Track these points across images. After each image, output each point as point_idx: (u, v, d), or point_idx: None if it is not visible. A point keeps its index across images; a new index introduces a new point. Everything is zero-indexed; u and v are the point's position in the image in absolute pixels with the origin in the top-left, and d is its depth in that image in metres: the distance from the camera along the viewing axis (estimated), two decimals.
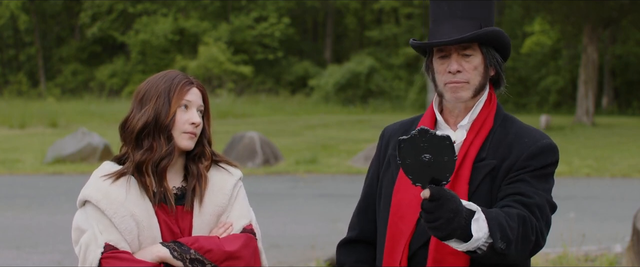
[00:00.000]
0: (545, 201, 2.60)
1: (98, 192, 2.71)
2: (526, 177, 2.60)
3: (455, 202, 2.36)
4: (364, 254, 2.88)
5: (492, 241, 2.41)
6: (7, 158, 18.28)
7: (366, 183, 2.92)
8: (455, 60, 2.67)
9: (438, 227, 2.36)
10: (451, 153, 2.32)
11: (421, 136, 2.33)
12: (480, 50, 2.67)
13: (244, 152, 17.16)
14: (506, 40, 2.70)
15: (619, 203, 12.61)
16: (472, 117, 2.69)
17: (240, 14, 41.55)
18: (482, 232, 2.41)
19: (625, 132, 25.60)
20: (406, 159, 2.36)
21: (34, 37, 44.60)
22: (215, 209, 2.82)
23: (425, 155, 2.33)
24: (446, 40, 2.62)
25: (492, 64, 2.70)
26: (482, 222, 2.42)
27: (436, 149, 2.32)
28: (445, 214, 2.34)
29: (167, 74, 2.82)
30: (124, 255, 2.67)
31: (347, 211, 12.95)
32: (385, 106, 35.73)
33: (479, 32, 2.63)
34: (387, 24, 43.39)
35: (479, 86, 2.67)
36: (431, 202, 2.35)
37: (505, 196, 2.58)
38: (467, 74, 2.66)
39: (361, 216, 2.91)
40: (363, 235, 2.88)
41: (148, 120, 2.73)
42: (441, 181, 2.35)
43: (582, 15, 28.68)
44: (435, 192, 2.34)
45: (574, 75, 35.27)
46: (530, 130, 2.72)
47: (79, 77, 42.70)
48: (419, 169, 2.35)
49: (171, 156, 2.75)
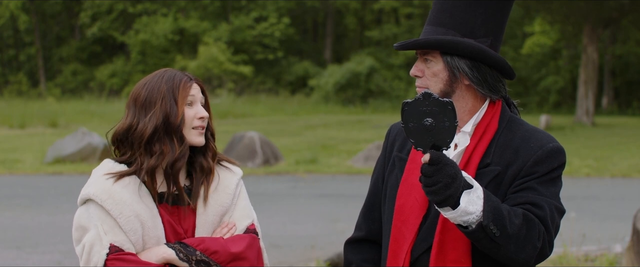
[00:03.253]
0: (555, 209, 2.60)
1: (103, 192, 2.69)
2: (534, 185, 2.59)
3: (454, 169, 2.41)
4: (370, 254, 2.89)
5: (483, 220, 2.43)
6: (7, 158, 18.28)
7: (372, 182, 2.93)
8: (416, 64, 2.69)
9: (435, 191, 2.40)
10: (453, 118, 2.39)
11: (425, 99, 2.41)
12: (441, 58, 2.63)
13: (244, 152, 17.16)
14: (466, 50, 2.60)
15: (619, 203, 12.61)
16: (475, 123, 2.68)
17: (240, 14, 41.54)
18: (474, 207, 2.43)
19: (625, 132, 25.60)
20: (409, 122, 2.42)
21: (34, 37, 44.59)
22: (219, 209, 2.81)
23: (427, 119, 2.40)
24: (397, 44, 2.68)
25: (461, 73, 2.63)
26: (477, 198, 2.44)
27: (438, 113, 2.39)
28: (443, 178, 2.39)
29: (165, 75, 2.79)
30: (130, 257, 2.65)
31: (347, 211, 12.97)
32: (385, 106, 35.72)
33: (412, 41, 2.63)
34: (387, 24, 43.37)
35: (442, 94, 2.64)
36: (430, 166, 2.40)
37: (515, 205, 2.57)
38: (425, 80, 2.67)
39: (367, 216, 2.92)
40: (370, 235, 2.89)
41: (157, 124, 2.71)
42: (441, 147, 2.41)
43: (582, 15, 28.68)
44: (434, 156, 2.39)
45: (574, 76, 35.29)
46: (537, 133, 2.69)
47: (79, 77, 42.69)
48: (420, 132, 2.41)
49: (185, 157, 2.75)
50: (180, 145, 2.73)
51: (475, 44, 2.62)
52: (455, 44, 2.60)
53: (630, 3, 27.99)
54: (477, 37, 2.64)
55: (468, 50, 2.61)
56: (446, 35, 2.63)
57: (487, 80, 2.65)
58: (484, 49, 2.61)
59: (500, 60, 2.63)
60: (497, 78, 2.67)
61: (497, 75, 2.67)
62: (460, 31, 2.63)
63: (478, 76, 2.63)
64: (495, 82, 2.66)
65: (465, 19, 2.64)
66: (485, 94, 2.66)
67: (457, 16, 2.64)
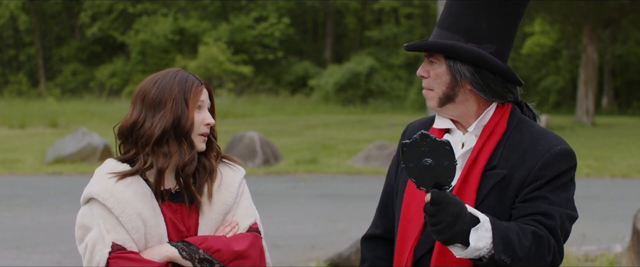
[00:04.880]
0: (566, 217, 2.59)
1: (105, 191, 2.68)
2: (545, 193, 2.56)
3: (457, 207, 2.39)
4: (385, 251, 2.90)
5: (494, 253, 2.43)
6: (7, 158, 18.28)
7: (387, 179, 2.94)
8: (423, 65, 2.70)
9: (439, 230, 2.40)
10: (451, 158, 2.36)
11: (422, 140, 2.39)
12: (445, 61, 2.64)
13: (244, 152, 17.16)
14: (467, 55, 2.60)
15: (619, 203, 12.61)
16: (481, 123, 2.66)
17: (240, 14, 41.54)
18: (483, 242, 2.43)
19: (625, 132, 25.59)
20: (409, 162, 2.41)
21: (34, 37, 44.59)
22: (222, 207, 2.81)
23: (426, 159, 2.38)
24: (406, 45, 2.69)
25: (462, 78, 2.63)
26: (485, 232, 2.43)
27: (436, 154, 2.37)
28: (446, 218, 2.38)
29: (177, 75, 2.76)
30: (132, 255, 2.65)
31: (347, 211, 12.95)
32: (385, 106, 35.72)
33: (417, 43, 2.65)
34: (387, 24, 43.37)
35: (444, 96, 2.65)
36: (433, 206, 2.40)
37: (525, 215, 2.55)
38: (430, 81, 2.68)
39: (381, 213, 2.93)
40: (386, 232, 2.90)
41: (166, 126, 2.69)
42: (444, 186, 2.40)
43: (582, 15, 28.68)
44: (436, 196, 2.39)
45: (574, 75, 35.28)
46: (545, 135, 2.66)
47: (79, 77, 42.70)
48: (421, 173, 2.40)
49: (195, 161, 2.74)
50: (190, 150, 2.72)
51: (476, 50, 2.61)
52: (456, 49, 2.61)
53: (630, 3, 27.99)
54: (481, 43, 2.63)
55: (468, 56, 2.60)
56: (449, 40, 2.63)
57: (490, 86, 2.64)
58: (483, 56, 2.60)
59: (501, 67, 2.62)
60: (502, 83, 2.65)
61: (502, 80, 2.65)
62: (465, 36, 2.63)
63: (480, 82, 2.62)
64: (499, 88, 2.65)
65: (471, 25, 2.64)
66: (488, 99, 2.65)
67: (462, 21, 2.64)
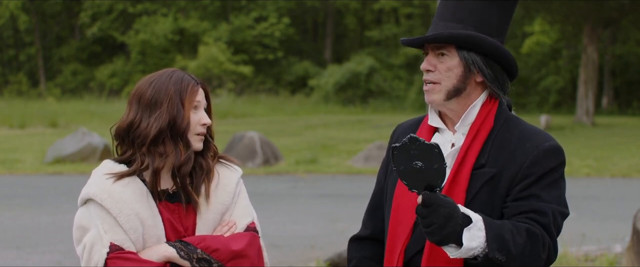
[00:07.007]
0: (558, 214, 2.60)
1: (102, 191, 2.68)
2: (536, 191, 2.57)
3: (449, 208, 2.40)
4: (372, 251, 2.89)
5: (488, 251, 2.43)
6: (7, 158, 18.28)
7: (377, 181, 2.93)
8: (428, 59, 2.65)
9: (431, 232, 2.41)
10: (440, 160, 2.37)
11: (411, 143, 2.39)
12: (457, 53, 2.61)
13: (244, 152, 17.16)
14: (487, 46, 2.60)
15: (619, 203, 12.61)
16: (466, 121, 2.65)
17: (240, 14, 41.54)
18: (477, 241, 2.43)
19: (625, 132, 25.59)
20: (400, 165, 2.43)
21: (34, 37, 44.59)
22: (220, 207, 2.81)
23: (416, 162, 2.39)
24: (413, 38, 2.65)
25: (476, 69, 2.62)
26: (478, 231, 2.43)
27: (426, 157, 2.38)
28: (438, 219, 2.39)
29: (173, 75, 2.77)
30: (130, 255, 2.65)
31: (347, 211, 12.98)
32: (385, 106, 35.72)
33: (438, 34, 2.60)
34: (387, 24, 43.37)
35: (453, 89, 2.62)
36: (424, 208, 2.40)
37: (518, 213, 2.56)
38: (438, 75, 2.63)
39: (371, 214, 2.92)
40: (374, 233, 2.89)
41: (162, 126, 2.69)
42: (435, 187, 2.41)
43: (582, 15, 28.69)
44: (427, 198, 2.39)
45: (574, 75, 35.28)
46: (534, 132, 2.66)
47: (79, 77, 42.70)
48: (412, 175, 2.42)
49: (191, 161, 2.74)
50: (186, 150, 2.72)
51: (494, 40, 2.62)
52: (481, 40, 2.59)
53: (630, 3, 27.99)
54: (492, 36, 2.64)
55: (492, 47, 2.59)
56: (463, 31, 2.61)
57: (497, 79, 2.65)
58: (501, 47, 2.62)
59: (512, 59, 2.65)
60: (505, 77, 2.67)
61: (505, 74, 2.67)
62: (477, 29, 2.62)
63: (491, 73, 2.63)
64: (504, 81, 2.67)
65: (485, 18, 2.64)
66: (496, 91, 2.65)
67: (476, 14, 2.63)
